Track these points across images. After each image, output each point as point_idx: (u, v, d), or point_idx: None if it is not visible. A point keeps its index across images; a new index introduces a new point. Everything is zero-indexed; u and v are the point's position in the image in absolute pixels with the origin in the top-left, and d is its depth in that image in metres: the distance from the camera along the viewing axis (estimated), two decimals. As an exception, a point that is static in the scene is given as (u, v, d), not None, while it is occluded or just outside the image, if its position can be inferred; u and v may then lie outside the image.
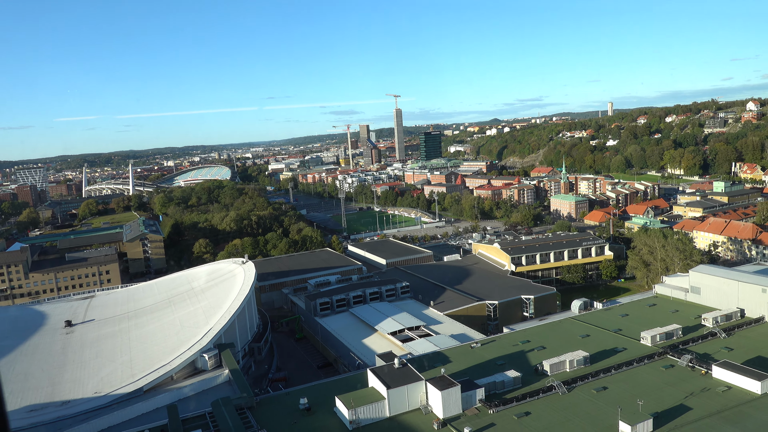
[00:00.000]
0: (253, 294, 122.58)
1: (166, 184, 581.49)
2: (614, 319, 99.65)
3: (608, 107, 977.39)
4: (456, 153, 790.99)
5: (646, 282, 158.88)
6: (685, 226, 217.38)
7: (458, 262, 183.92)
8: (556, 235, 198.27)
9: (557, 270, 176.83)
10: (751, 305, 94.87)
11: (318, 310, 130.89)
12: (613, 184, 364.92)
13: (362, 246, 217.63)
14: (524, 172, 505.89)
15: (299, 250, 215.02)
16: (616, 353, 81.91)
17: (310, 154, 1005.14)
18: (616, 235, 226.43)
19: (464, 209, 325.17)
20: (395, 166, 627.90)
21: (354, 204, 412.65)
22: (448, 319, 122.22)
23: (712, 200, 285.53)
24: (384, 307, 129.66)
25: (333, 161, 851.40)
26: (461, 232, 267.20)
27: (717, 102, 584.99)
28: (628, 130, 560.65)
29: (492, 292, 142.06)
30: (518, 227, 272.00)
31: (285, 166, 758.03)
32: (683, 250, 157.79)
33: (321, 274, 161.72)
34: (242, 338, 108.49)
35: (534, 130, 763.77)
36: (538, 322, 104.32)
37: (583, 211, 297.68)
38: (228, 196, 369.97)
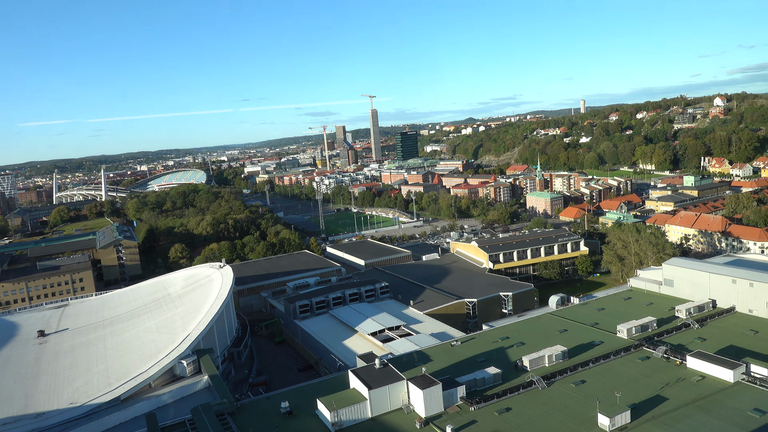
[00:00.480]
0: (232, 298, 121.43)
1: (140, 189, 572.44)
2: (591, 313, 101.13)
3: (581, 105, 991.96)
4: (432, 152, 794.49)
5: (621, 276, 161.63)
6: (658, 220, 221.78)
7: (437, 261, 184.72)
8: (532, 232, 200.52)
9: (534, 266, 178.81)
10: (723, 296, 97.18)
11: (297, 313, 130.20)
12: (587, 180, 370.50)
13: (341, 247, 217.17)
14: (500, 170, 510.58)
15: (277, 252, 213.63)
16: (594, 347, 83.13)
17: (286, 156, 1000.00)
18: (591, 230, 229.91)
19: (442, 208, 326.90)
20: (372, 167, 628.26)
21: (332, 205, 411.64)
22: (428, 318, 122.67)
23: (683, 194, 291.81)
24: (364, 307, 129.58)
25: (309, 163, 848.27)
26: (439, 231, 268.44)
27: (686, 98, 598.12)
28: (600, 127, 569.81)
29: (471, 290, 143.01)
30: (495, 225, 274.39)
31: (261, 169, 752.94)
32: (656, 244, 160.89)
33: (300, 277, 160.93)
34: (221, 343, 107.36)
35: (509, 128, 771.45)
36: (516, 318, 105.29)
37: (559, 208, 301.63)
38: (204, 200, 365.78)
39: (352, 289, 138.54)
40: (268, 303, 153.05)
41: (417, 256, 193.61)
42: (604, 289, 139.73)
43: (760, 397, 63.00)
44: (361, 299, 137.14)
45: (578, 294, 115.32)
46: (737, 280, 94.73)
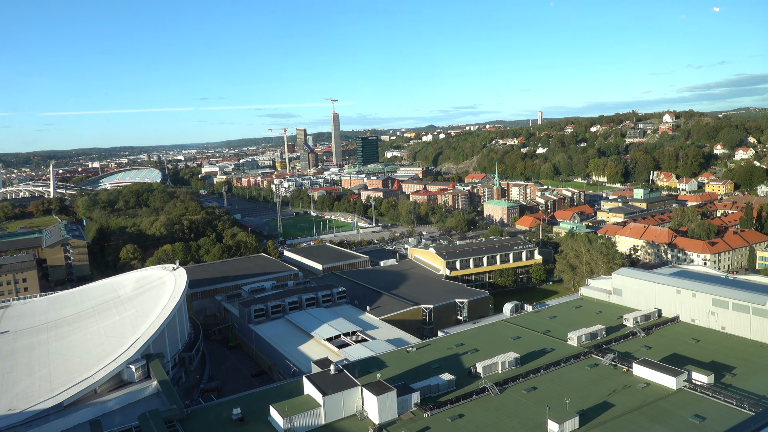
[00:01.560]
0: (185, 301, 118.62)
1: (91, 187, 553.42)
2: (543, 320, 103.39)
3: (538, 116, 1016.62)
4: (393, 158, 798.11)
5: (572, 285, 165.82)
6: (608, 230, 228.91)
7: (394, 267, 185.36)
8: (489, 240, 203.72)
9: (490, 274, 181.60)
10: (667, 305, 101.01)
11: (252, 317, 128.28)
12: (542, 190, 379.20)
13: (298, 251, 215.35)
14: (459, 177, 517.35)
15: (233, 255, 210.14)
16: (545, 354, 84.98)
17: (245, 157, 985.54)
18: (545, 239, 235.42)
19: (401, 214, 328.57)
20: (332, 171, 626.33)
21: (290, 209, 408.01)
22: (384, 323, 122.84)
23: (633, 206, 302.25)
24: (320, 312, 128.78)
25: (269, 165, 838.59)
26: (398, 236, 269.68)
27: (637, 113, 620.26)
28: (556, 138, 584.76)
29: (427, 296, 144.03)
30: (453, 232, 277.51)
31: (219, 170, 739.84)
32: (606, 254, 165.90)
33: (256, 280, 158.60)
34: (172, 348, 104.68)
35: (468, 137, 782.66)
36: (471, 325, 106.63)
37: (515, 217, 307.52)
38: (158, 199, 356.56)
39: (308, 293, 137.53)
40: (223, 307, 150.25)
41: (375, 262, 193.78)
42: (557, 297, 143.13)
43: (701, 404, 65.74)
44: (318, 304, 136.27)
45: (532, 302, 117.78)
46: (681, 291, 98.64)
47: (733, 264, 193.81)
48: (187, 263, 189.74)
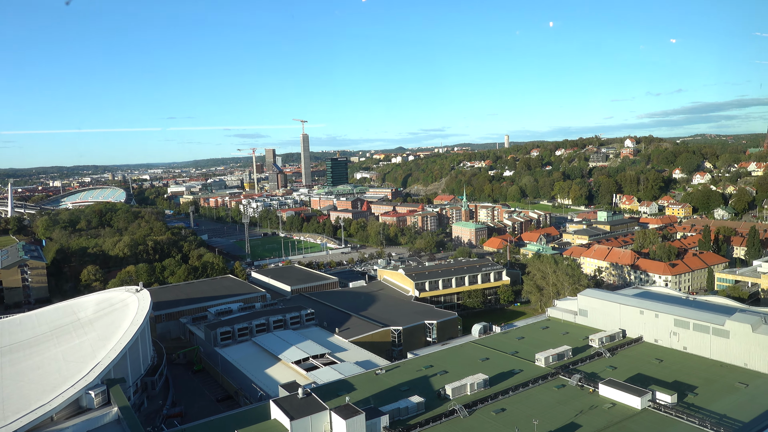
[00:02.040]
0: (148, 324, 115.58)
1: (52, 206, 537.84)
2: (511, 342, 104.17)
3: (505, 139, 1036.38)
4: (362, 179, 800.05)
5: (539, 306, 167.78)
6: (574, 252, 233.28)
7: (363, 288, 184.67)
8: (457, 261, 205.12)
9: (459, 295, 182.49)
10: (631, 326, 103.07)
11: (218, 340, 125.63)
12: (509, 212, 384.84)
13: (266, 272, 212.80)
14: (428, 199, 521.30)
15: (199, 277, 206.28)
16: (513, 375, 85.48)
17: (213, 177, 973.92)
18: (513, 261, 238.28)
19: (370, 235, 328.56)
20: (302, 192, 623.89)
21: (258, 229, 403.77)
22: (353, 346, 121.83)
23: (597, 229, 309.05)
24: (288, 335, 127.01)
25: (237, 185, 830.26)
26: (367, 258, 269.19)
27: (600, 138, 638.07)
28: (522, 161, 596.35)
29: (396, 317, 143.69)
30: (422, 253, 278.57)
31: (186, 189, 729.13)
32: (572, 275, 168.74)
33: (222, 302, 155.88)
34: (134, 372, 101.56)
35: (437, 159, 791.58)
36: (440, 346, 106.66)
37: (483, 238, 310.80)
38: (122, 219, 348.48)
39: (276, 315, 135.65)
40: (188, 329, 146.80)
41: (344, 283, 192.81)
42: (524, 318, 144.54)
43: (665, 424, 66.93)
44: (286, 326, 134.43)
45: (500, 323, 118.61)
46: (644, 311, 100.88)
47: (693, 285, 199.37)
48: (152, 285, 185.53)
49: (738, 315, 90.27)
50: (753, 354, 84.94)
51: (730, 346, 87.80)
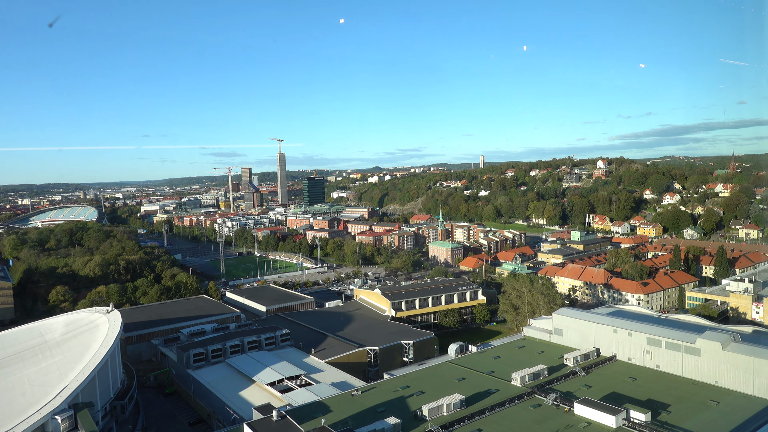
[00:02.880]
0: (118, 346, 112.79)
1: (20, 225, 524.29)
2: (487, 361, 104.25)
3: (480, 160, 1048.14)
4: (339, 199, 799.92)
5: (515, 325, 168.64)
6: (548, 271, 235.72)
7: (340, 308, 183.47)
8: (434, 281, 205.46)
9: (435, 314, 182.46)
10: (605, 344, 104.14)
11: (191, 362, 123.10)
12: (485, 232, 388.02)
13: (241, 292, 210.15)
14: (404, 219, 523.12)
15: (172, 297, 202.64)
16: (490, 395, 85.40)
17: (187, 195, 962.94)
18: (489, 280, 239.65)
19: (346, 255, 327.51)
20: (278, 211, 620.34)
21: (234, 249, 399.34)
22: (329, 366, 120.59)
23: (571, 248, 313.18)
24: (263, 356, 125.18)
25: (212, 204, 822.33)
26: (343, 277, 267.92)
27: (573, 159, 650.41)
28: (497, 182, 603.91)
29: (373, 337, 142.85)
30: (398, 273, 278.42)
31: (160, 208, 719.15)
32: (547, 294, 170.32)
33: (196, 323, 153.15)
34: (103, 396, 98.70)
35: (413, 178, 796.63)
36: (417, 366, 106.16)
37: (459, 257, 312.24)
38: (93, 238, 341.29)
39: (251, 336, 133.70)
40: (160, 351, 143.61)
41: (320, 303, 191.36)
42: (500, 337, 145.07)
43: (638, 442, 67.35)
44: (261, 347, 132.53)
45: (476, 342, 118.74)
46: (618, 330, 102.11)
47: (664, 303, 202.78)
48: (123, 305, 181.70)
49: (708, 333, 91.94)
50: (723, 372, 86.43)
51: (701, 364, 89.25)
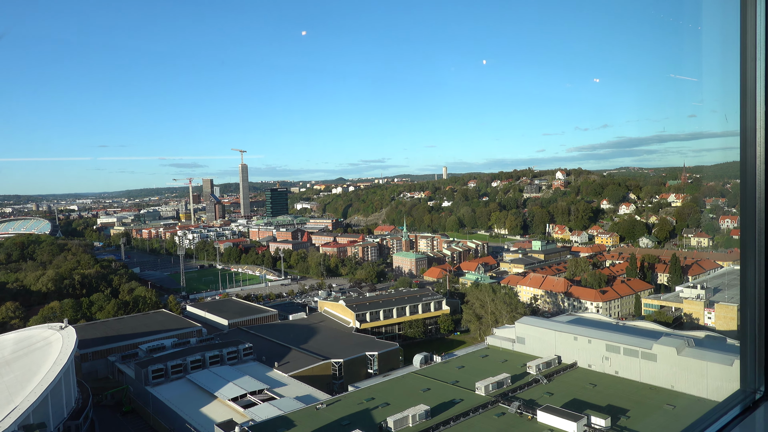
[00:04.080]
0: (72, 363, 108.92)
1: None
2: (452, 371, 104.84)
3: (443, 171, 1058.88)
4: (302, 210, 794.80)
5: (479, 334, 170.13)
6: (511, 281, 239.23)
7: (304, 321, 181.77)
8: (398, 291, 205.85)
9: (400, 325, 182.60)
10: (566, 352, 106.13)
11: (150, 379, 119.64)
12: (448, 242, 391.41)
13: (202, 306, 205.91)
14: (368, 230, 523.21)
15: (130, 312, 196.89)
16: (455, 404, 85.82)
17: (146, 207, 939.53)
18: (453, 290, 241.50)
19: (310, 266, 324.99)
20: (240, 222, 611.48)
21: (195, 261, 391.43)
22: (293, 380, 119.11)
23: (532, 257, 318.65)
24: (225, 371, 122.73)
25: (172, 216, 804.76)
26: (307, 289, 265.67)
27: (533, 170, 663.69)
28: (460, 192, 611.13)
29: (337, 350, 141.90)
30: (363, 284, 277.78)
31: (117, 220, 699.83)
32: (510, 303, 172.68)
33: (155, 338, 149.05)
34: (56, 416, 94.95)
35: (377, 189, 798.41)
36: (382, 378, 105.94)
37: (423, 268, 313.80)
38: (46, 252, 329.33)
39: (212, 351, 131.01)
40: (116, 368, 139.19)
41: (284, 316, 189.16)
42: (465, 347, 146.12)
43: (599, 447, 68.74)
44: (223, 362, 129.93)
45: (441, 352, 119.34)
46: (578, 337, 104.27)
47: (622, 311, 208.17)
48: (78, 321, 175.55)
49: (664, 339, 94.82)
50: (678, 376, 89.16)
51: (657, 369, 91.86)
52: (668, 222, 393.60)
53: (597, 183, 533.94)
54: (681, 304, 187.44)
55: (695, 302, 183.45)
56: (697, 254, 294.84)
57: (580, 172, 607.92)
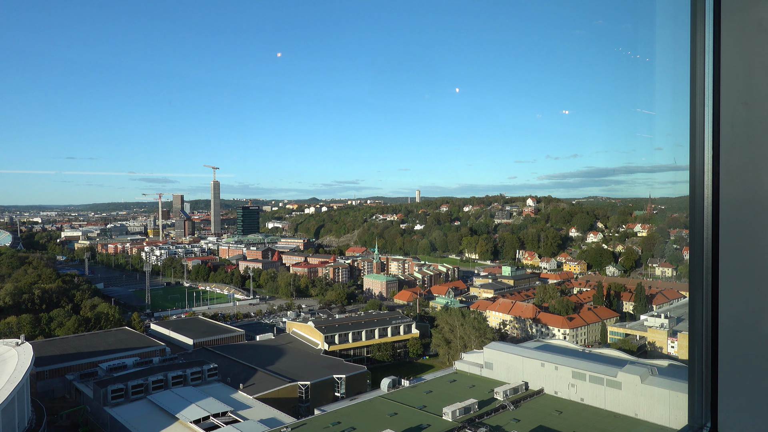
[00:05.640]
0: (28, 381, 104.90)
1: None
2: (420, 396, 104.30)
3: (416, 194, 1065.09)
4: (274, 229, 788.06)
5: (448, 359, 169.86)
6: (480, 305, 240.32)
7: (271, 342, 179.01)
8: (368, 314, 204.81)
9: (368, 348, 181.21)
10: (533, 378, 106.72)
11: (108, 399, 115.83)
12: (420, 265, 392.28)
13: (167, 325, 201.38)
14: (340, 251, 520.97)
15: (92, 329, 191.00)
16: (421, 430, 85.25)
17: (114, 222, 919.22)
18: (422, 313, 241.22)
19: (280, 286, 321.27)
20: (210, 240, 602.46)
21: (161, 278, 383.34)
22: (258, 402, 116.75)
23: (502, 283, 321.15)
24: (188, 392, 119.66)
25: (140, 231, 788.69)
26: (276, 309, 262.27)
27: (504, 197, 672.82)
28: (432, 216, 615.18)
29: (304, 372, 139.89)
30: (333, 305, 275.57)
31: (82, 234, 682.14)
32: (478, 328, 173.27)
33: (116, 357, 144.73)
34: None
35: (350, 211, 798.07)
36: (349, 402, 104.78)
37: (393, 291, 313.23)
38: (5, 265, 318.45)
39: (176, 371, 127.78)
40: (74, 387, 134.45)
41: (251, 336, 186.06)
42: (433, 371, 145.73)
43: (563, 474, 68.94)
44: (186, 382, 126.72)
45: (409, 376, 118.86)
46: (545, 364, 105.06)
47: (588, 338, 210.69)
48: (36, 338, 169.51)
49: (628, 367, 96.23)
50: (642, 404, 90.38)
51: (622, 396, 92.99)
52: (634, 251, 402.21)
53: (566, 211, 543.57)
54: (645, 332, 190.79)
55: (659, 331, 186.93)
56: (661, 284, 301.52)
57: (550, 199, 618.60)
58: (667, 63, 7.49)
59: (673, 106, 16.50)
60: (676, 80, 5.64)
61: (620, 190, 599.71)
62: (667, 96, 16.85)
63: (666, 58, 7.73)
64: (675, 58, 6.18)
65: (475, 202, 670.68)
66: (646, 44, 42.29)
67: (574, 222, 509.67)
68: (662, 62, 11.13)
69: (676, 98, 9.82)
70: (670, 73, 8.48)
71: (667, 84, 13.22)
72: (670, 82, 7.15)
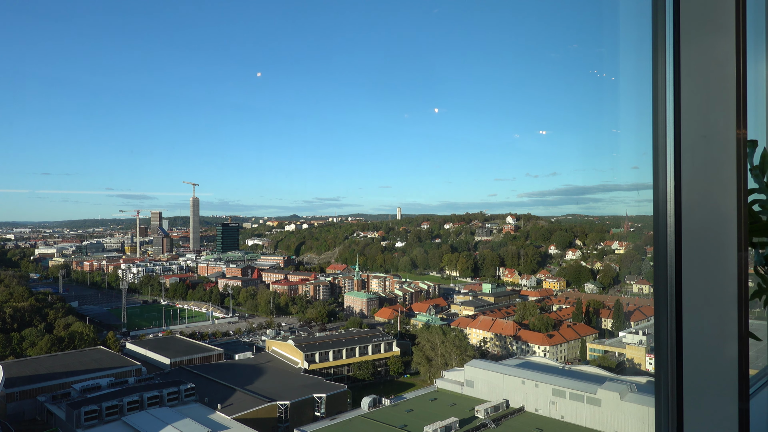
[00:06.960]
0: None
1: None
2: (400, 414, 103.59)
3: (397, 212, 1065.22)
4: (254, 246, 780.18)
5: (429, 377, 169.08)
6: (461, 323, 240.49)
7: (250, 361, 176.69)
8: (348, 332, 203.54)
9: (349, 366, 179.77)
10: (514, 396, 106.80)
11: (81, 421, 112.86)
12: (401, 283, 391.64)
13: (144, 344, 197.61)
14: (320, 268, 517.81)
15: (65, 348, 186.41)
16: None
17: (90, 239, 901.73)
18: (403, 331, 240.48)
19: (259, 304, 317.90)
20: (189, 257, 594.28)
21: (138, 296, 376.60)
22: (236, 423, 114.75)
23: (482, 300, 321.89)
24: (164, 413, 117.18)
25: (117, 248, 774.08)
26: (255, 328, 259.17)
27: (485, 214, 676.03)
28: (413, 233, 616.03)
29: (284, 391, 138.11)
30: (313, 323, 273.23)
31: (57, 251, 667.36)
32: (459, 346, 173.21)
33: (90, 377, 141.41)
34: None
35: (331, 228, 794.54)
36: (329, 421, 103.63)
37: (374, 308, 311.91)
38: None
39: (152, 391, 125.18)
40: (46, 409, 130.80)
41: (230, 355, 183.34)
42: (414, 389, 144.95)
43: (544, 493, 68.76)
44: (162, 403, 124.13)
45: (390, 395, 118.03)
46: (526, 381, 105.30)
47: (568, 355, 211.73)
48: (6, 358, 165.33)
49: (608, 384, 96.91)
50: (622, 421, 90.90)
51: (602, 413, 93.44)
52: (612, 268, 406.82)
53: (545, 228, 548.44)
54: (624, 349, 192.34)
55: (637, 348, 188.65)
56: (639, 300, 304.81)
57: (530, 217, 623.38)
58: (631, 91, 7.86)
59: (637, 135, 17.04)
60: (640, 110, 5.92)
61: (598, 208, 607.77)
62: (632, 126, 17.36)
63: (631, 85, 8.08)
64: (638, 87, 6.51)
65: (456, 219, 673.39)
66: (613, 70, 43.74)
67: (553, 239, 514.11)
68: (627, 90, 11.53)
69: (640, 130, 10.23)
70: (634, 102, 8.83)
71: (631, 113, 13.67)
72: (635, 112, 7.41)
